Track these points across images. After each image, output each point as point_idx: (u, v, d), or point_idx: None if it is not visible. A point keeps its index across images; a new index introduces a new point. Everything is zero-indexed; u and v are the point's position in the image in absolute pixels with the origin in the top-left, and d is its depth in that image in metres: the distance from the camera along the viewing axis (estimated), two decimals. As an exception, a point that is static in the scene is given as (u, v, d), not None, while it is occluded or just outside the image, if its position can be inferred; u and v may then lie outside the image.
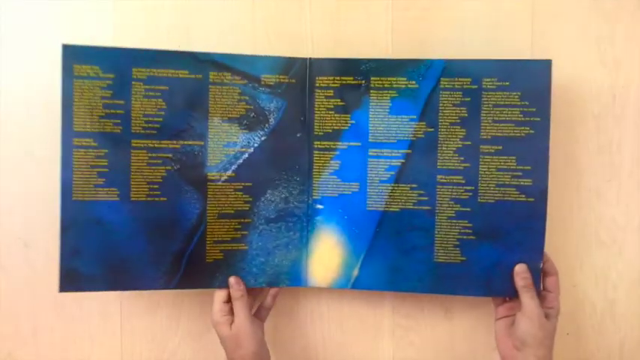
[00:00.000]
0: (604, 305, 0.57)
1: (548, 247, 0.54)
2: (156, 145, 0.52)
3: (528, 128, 0.51)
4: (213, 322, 0.52)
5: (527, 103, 0.51)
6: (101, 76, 0.51)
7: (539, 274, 0.51)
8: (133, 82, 0.51)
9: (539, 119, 0.51)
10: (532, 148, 0.51)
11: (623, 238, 0.50)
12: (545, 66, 0.51)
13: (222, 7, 0.57)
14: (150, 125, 0.52)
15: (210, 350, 0.58)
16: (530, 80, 0.51)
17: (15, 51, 0.56)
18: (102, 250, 0.51)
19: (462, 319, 0.58)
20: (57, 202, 0.54)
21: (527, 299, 0.49)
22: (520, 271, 0.51)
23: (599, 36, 0.56)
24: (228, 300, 0.53)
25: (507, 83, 0.51)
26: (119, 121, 0.51)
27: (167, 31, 0.57)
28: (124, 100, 0.51)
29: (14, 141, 0.56)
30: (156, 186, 0.52)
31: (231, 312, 0.52)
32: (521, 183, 0.52)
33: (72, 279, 0.51)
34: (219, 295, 0.53)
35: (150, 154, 0.52)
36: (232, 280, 0.53)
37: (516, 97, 0.51)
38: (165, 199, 0.52)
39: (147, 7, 0.56)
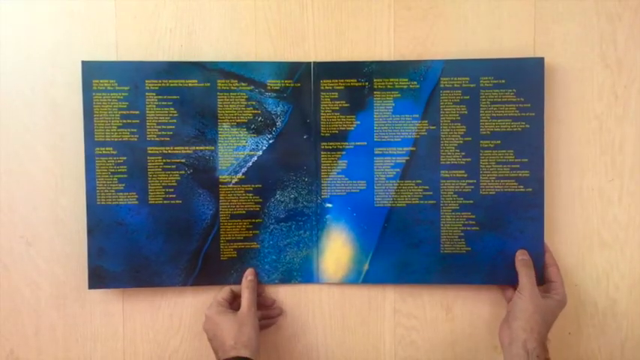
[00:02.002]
0: (606, 304, 0.62)
1: (550, 246, 0.60)
2: (170, 151, 0.60)
3: (524, 123, 0.59)
4: (213, 311, 0.57)
5: (522, 99, 0.59)
6: (117, 89, 0.59)
7: (542, 260, 0.59)
8: (147, 93, 0.59)
9: (533, 114, 0.59)
10: (528, 142, 0.59)
11: (625, 238, 0.54)
12: (538, 63, 0.58)
13: (224, 8, 0.61)
14: (164, 133, 0.60)
15: (211, 349, 0.59)
16: (525, 77, 0.58)
17: (15, 53, 0.61)
18: (124, 249, 0.60)
19: (463, 319, 0.62)
20: (58, 200, 0.61)
21: (523, 276, 0.56)
22: (519, 253, 0.58)
23: (602, 36, 0.60)
24: (230, 299, 0.60)
25: (503, 81, 0.59)
26: (135, 130, 0.59)
27: (169, 32, 0.61)
28: (139, 111, 0.59)
29: (17, 140, 0.61)
30: (171, 189, 0.60)
31: (231, 306, 0.59)
32: (520, 175, 0.59)
33: (99, 277, 0.60)
34: (225, 290, 0.60)
35: (165, 160, 0.60)
36: (248, 270, 0.61)
37: (512, 94, 0.59)
38: (180, 201, 0.60)
39: (149, 8, 0.61)
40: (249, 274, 0.61)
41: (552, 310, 0.56)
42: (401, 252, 0.61)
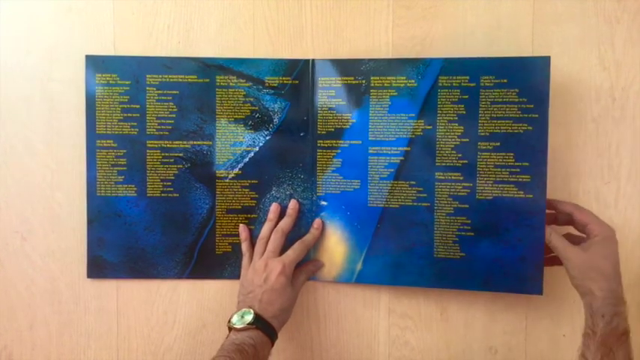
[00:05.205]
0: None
1: (548, 248, 0.56)
2: (168, 145, 0.61)
3: (526, 125, 0.55)
4: (288, 276, 0.56)
5: (525, 99, 0.55)
6: (119, 83, 0.60)
7: (542, 268, 0.56)
8: (147, 88, 0.61)
9: (537, 115, 0.55)
10: (530, 145, 0.55)
11: (621, 241, 0.51)
12: (544, 62, 0.55)
13: (222, 5, 0.61)
14: (163, 127, 0.61)
15: (206, 346, 0.63)
16: (529, 77, 0.55)
17: (14, 49, 0.61)
18: (123, 240, 0.61)
19: (458, 319, 0.62)
20: (54, 195, 0.62)
21: (555, 249, 0.53)
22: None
23: (600, 38, 0.59)
24: None
25: (505, 80, 0.55)
26: (135, 123, 0.61)
27: (167, 28, 0.61)
28: (139, 105, 0.61)
29: (14, 135, 0.61)
30: (169, 183, 0.61)
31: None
32: (520, 179, 0.56)
33: (98, 266, 0.62)
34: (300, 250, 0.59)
35: (163, 154, 0.61)
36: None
37: (514, 94, 0.55)
38: (177, 194, 0.61)
39: (147, 4, 0.61)
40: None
41: (601, 255, 0.50)
42: (394, 253, 0.59)
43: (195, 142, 0.61)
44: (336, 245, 0.61)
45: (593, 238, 0.52)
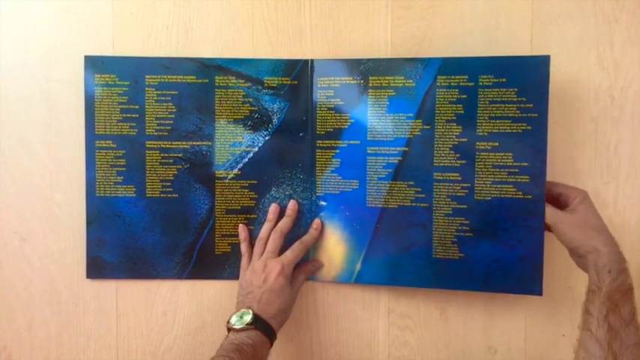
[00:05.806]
0: (600, 307, 0.59)
1: (546, 247, 0.57)
2: (167, 146, 0.61)
3: (525, 124, 0.55)
4: (286, 276, 0.56)
5: (524, 99, 0.55)
6: (118, 84, 0.60)
7: (542, 271, 0.55)
8: (146, 88, 0.60)
9: (536, 115, 0.55)
10: (529, 145, 0.55)
11: (620, 240, 0.51)
12: (543, 61, 0.54)
13: (220, 6, 0.61)
14: (162, 127, 0.61)
15: (205, 346, 0.63)
16: (528, 76, 0.55)
17: (13, 49, 0.61)
18: (122, 240, 0.61)
19: (457, 320, 0.62)
20: (53, 196, 0.62)
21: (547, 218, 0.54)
22: None
23: (599, 38, 0.59)
24: None
25: (504, 79, 0.55)
26: (135, 124, 0.61)
27: (166, 29, 0.61)
28: (138, 105, 0.61)
29: (13, 136, 0.61)
30: (168, 183, 0.61)
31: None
32: (519, 180, 0.55)
33: (97, 267, 0.61)
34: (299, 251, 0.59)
35: (162, 154, 0.61)
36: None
37: (513, 93, 0.55)
38: (177, 195, 0.61)
39: (146, 4, 0.61)
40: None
41: (589, 213, 0.52)
42: (393, 254, 0.59)
43: (194, 143, 0.61)
44: (335, 245, 0.61)
45: (573, 201, 0.53)
